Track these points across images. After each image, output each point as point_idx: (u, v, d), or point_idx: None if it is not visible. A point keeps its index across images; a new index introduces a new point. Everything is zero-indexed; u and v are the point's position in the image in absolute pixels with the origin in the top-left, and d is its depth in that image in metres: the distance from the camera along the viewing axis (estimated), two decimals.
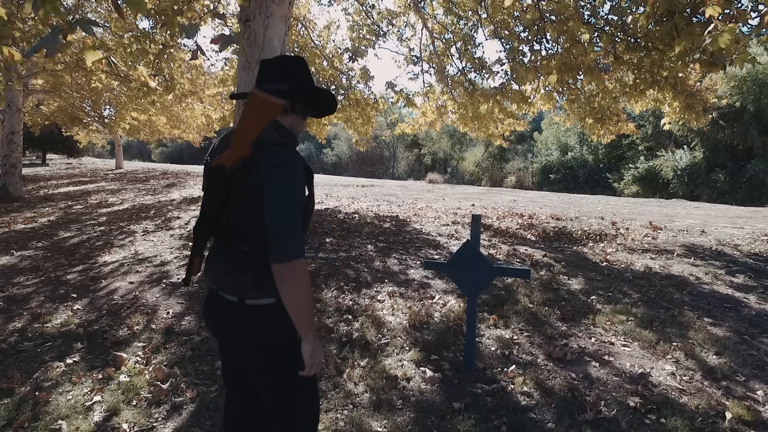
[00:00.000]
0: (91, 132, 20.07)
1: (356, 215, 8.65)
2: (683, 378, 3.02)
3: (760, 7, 3.27)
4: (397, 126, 10.83)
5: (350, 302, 4.25)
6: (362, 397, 2.79)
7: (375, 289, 4.59)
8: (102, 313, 4.08)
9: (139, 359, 3.22)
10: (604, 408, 2.67)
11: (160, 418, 2.58)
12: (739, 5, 3.23)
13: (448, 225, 7.87)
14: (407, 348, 3.42)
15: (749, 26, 3.44)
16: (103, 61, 3.22)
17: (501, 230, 7.66)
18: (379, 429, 2.49)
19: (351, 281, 4.80)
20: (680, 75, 6.55)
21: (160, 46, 6.48)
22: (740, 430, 2.48)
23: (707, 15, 3.04)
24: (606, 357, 3.31)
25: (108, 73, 10.28)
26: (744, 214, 11.07)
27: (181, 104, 13.24)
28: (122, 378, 2.96)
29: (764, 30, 3.49)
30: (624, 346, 3.49)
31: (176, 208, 9.85)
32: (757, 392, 2.85)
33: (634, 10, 5.14)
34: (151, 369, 3.07)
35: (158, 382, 2.87)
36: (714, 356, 3.32)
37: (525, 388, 2.89)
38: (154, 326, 3.76)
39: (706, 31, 3.20)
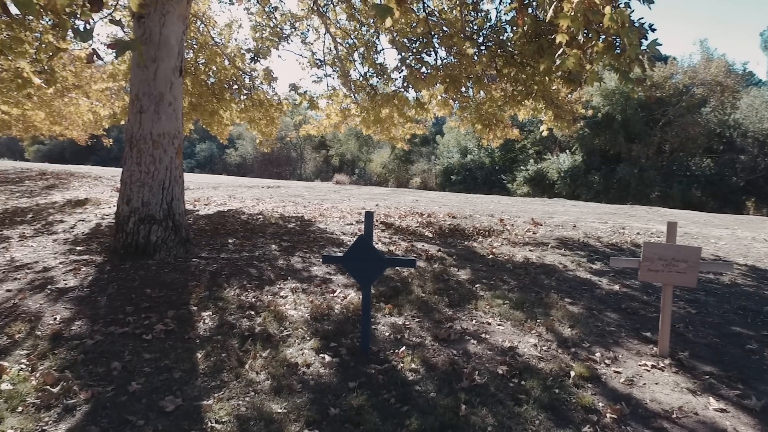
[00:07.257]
0: None
1: (261, 216, 8.63)
2: (542, 348, 3.57)
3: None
4: (302, 127, 10.91)
5: (253, 299, 4.35)
6: (263, 384, 2.95)
7: (278, 286, 4.73)
8: None
9: (24, 366, 3.08)
10: (478, 377, 3.10)
11: (50, 421, 2.53)
12: (586, 34, 3.89)
13: (352, 224, 8.16)
14: (308, 338, 3.63)
15: (591, 53, 4.14)
16: None
17: (402, 228, 8.12)
18: (279, 410, 2.68)
19: (254, 279, 4.88)
20: (553, 88, 7.46)
21: (51, 40, 6.03)
22: (581, 385, 3.04)
23: (557, 41, 3.62)
24: (483, 335, 3.78)
25: None
26: (610, 211, 12.72)
27: (64, 99, 12.04)
28: (4, 386, 2.82)
29: (604, 56, 4.20)
30: (499, 325, 4.00)
31: (59, 211, 9.05)
32: (596, 354, 3.47)
33: (509, 29, 5.81)
34: (38, 375, 2.95)
35: (48, 387, 2.79)
36: (568, 329, 3.94)
37: (413, 366, 3.24)
38: (39, 333, 3.57)
39: (556, 55, 3.82)
